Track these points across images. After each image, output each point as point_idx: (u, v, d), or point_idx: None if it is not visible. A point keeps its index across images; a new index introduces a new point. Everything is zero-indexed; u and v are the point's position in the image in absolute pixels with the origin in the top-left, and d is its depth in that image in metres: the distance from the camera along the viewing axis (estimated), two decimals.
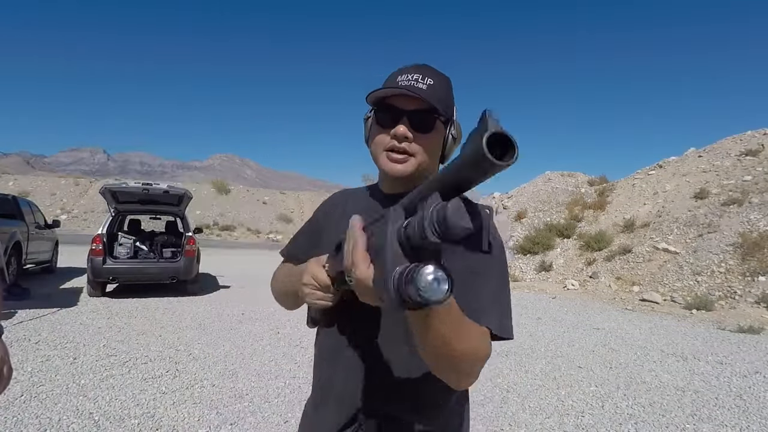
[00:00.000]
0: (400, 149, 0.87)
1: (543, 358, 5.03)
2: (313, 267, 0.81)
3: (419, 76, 0.87)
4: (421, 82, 0.86)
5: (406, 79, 0.86)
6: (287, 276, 0.99)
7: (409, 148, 0.87)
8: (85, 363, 4.20)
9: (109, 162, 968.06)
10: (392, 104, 0.87)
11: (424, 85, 0.86)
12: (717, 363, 5.03)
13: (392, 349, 0.90)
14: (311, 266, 0.82)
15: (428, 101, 0.84)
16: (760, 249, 8.89)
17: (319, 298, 0.81)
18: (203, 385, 3.78)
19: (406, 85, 0.85)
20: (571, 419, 3.42)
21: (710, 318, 7.57)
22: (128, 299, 7.44)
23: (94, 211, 31.55)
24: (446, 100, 0.89)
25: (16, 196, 9.27)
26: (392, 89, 0.85)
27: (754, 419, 3.53)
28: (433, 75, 0.88)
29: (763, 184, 11.16)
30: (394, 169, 0.88)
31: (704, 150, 14.81)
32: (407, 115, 0.86)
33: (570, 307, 8.50)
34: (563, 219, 14.30)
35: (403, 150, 0.87)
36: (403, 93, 0.84)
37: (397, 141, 0.87)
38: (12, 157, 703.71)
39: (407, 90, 0.84)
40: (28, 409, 3.16)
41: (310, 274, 0.81)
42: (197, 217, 28.62)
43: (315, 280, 0.80)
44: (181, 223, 8.88)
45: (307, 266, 0.83)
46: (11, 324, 5.40)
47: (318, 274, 0.80)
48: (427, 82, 0.86)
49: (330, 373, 0.96)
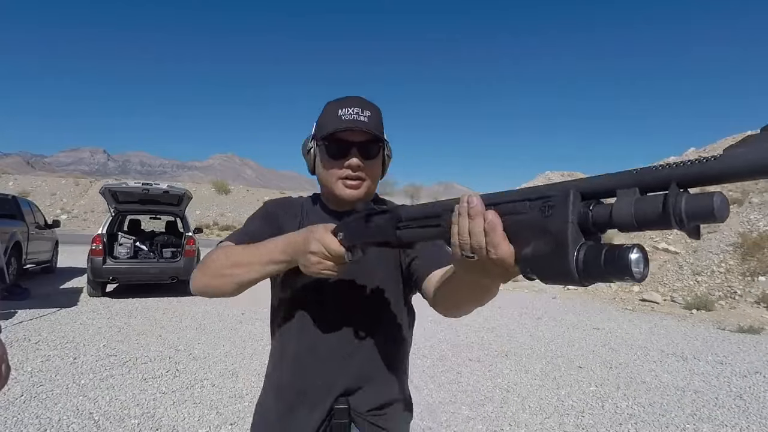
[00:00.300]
0: (354, 177, 0.99)
1: (543, 358, 5.03)
2: (323, 235, 0.80)
3: (359, 110, 0.97)
4: (362, 115, 0.97)
5: (347, 114, 0.96)
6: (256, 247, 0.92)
7: (361, 175, 1.00)
8: (85, 363, 4.21)
9: (109, 162, 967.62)
10: (341, 138, 0.97)
11: (365, 117, 0.97)
12: (717, 363, 5.03)
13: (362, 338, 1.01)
14: (321, 234, 0.80)
15: (372, 132, 0.97)
16: (760, 249, 8.90)
17: (327, 268, 0.81)
18: (203, 385, 3.78)
19: (350, 119, 0.96)
20: (571, 419, 3.42)
21: (710, 318, 7.58)
22: (128, 299, 7.44)
23: (94, 211, 31.56)
24: (381, 126, 1.01)
25: (16, 196, 9.26)
26: (345, 124, 0.95)
27: (754, 419, 3.53)
28: (369, 106, 0.99)
29: (763, 184, 11.17)
30: (351, 194, 1.00)
31: (704, 150, 14.83)
32: (356, 146, 0.98)
33: (570, 307, 8.50)
34: None
35: (357, 177, 1.00)
36: (352, 127, 0.95)
37: (351, 170, 0.99)
38: (12, 157, 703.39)
39: (356, 125, 0.95)
40: (28, 409, 3.17)
41: (321, 242, 0.79)
42: (197, 217, 28.63)
43: (326, 249, 0.79)
44: (181, 223, 8.88)
45: (314, 234, 0.81)
46: (11, 324, 5.41)
47: (331, 244, 0.78)
48: (366, 114, 0.97)
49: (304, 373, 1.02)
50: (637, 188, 0.46)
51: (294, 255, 0.84)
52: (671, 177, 0.44)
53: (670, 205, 0.42)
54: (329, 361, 1.01)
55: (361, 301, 1.03)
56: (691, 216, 0.42)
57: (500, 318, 7.28)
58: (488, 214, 0.56)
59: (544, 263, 0.51)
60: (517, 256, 0.54)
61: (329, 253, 0.79)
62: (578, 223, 0.49)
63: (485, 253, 0.56)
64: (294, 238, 0.85)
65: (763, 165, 0.39)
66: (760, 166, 0.39)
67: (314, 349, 1.02)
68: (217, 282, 0.94)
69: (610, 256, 0.45)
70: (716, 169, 0.41)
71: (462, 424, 3.27)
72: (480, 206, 0.57)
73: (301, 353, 1.03)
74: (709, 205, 0.41)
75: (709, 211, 0.41)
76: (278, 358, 1.08)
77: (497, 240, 0.54)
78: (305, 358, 1.03)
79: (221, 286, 0.94)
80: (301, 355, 1.03)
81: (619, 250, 0.45)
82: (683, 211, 0.42)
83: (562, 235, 0.49)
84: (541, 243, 0.51)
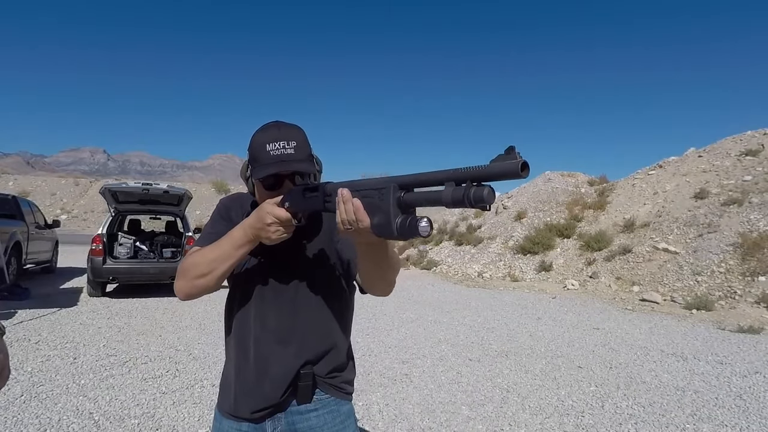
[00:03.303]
0: None
1: (543, 358, 5.03)
2: (271, 209, 1.01)
3: (285, 143, 1.08)
4: (288, 148, 1.07)
5: (275, 149, 1.07)
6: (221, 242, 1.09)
7: None
8: (85, 363, 4.21)
9: (109, 162, 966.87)
10: (273, 173, 1.09)
11: (291, 149, 1.08)
12: (717, 363, 5.03)
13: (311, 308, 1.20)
14: (269, 208, 1.01)
15: (300, 165, 1.09)
16: (760, 249, 8.89)
17: (283, 232, 1.02)
18: (203, 385, 3.78)
19: (278, 155, 1.07)
20: (571, 419, 3.42)
21: (710, 318, 7.57)
22: (128, 299, 7.44)
23: (94, 211, 31.54)
24: (308, 149, 1.13)
25: (16, 196, 9.26)
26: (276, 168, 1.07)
27: (754, 419, 3.53)
28: (292, 134, 1.10)
29: (763, 184, 11.16)
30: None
31: (704, 150, 14.80)
32: (288, 177, 1.12)
33: (570, 307, 8.50)
34: (563, 219, 14.29)
35: None
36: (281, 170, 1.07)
37: None
38: (12, 157, 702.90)
39: (285, 167, 1.07)
40: (28, 409, 3.17)
41: (272, 214, 1.00)
42: (197, 217, 28.62)
43: (277, 218, 1.00)
44: (181, 223, 8.88)
45: (263, 210, 1.01)
46: (11, 324, 5.41)
47: (280, 213, 1.00)
48: (293, 145, 1.08)
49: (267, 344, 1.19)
50: (453, 182, 0.75)
51: (254, 234, 1.04)
52: (469, 177, 0.74)
53: (467, 193, 0.72)
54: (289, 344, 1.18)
55: (311, 288, 1.20)
56: (475, 200, 0.72)
57: (500, 318, 7.28)
58: (355, 201, 0.86)
59: (381, 228, 0.83)
60: (371, 225, 0.85)
61: (280, 219, 1.00)
62: (396, 204, 0.81)
63: (357, 224, 0.86)
64: (249, 222, 1.05)
65: (501, 171, 0.70)
66: (501, 171, 0.70)
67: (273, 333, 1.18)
68: (201, 282, 1.10)
69: (411, 222, 0.79)
70: (486, 173, 0.72)
71: (462, 424, 3.27)
72: (348, 195, 0.87)
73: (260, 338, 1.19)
74: (481, 194, 0.72)
75: (481, 197, 0.71)
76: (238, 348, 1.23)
77: (362, 216, 0.85)
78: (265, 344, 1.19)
79: (205, 283, 1.10)
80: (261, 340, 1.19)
81: (415, 219, 0.79)
82: (472, 196, 0.72)
83: (387, 210, 0.82)
84: (380, 215, 0.83)
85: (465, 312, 7.72)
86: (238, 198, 1.32)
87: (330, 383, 1.22)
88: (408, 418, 3.35)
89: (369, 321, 6.57)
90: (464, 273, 13.20)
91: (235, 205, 1.29)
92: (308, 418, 1.20)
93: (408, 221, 0.79)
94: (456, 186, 0.75)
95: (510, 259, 13.22)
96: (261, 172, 1.09)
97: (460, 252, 15.00)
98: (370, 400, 3.66)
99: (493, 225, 15.73)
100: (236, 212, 1.26)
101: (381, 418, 3.32)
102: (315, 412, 1.20)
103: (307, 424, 1.19)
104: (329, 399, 1.22)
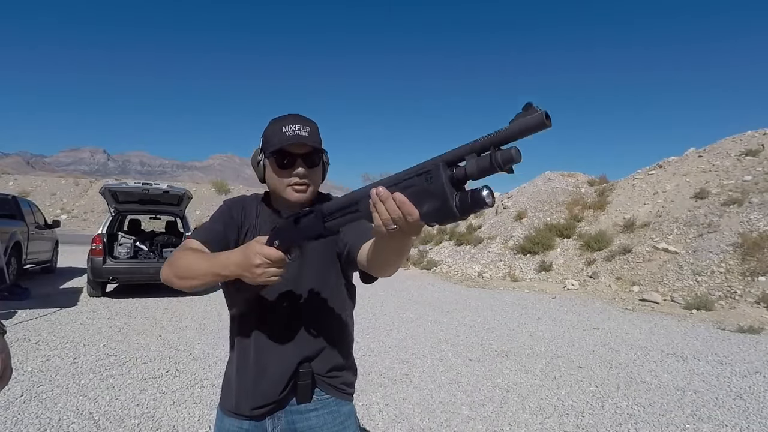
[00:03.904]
0: (301, 183, 1.18)
1: (543, 358, 5.03)
2: (260, 248, 0.94)
3: (300, 126, 1.15)
4: (303, 131, 1.14)
5: (290, 130, 1.14)
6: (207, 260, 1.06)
7: (306, 182, 1.18)
8: (85, 363, 4.21)
9: (109, 162, 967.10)
10: (288, 151, 1.15)
11: (306, 132, 1.14)
12: (717, 363, 5.03)
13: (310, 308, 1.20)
14: (258, 248, 0.94)
15: (313, 145, 1.15)
16: (760, 249, 8.89)
17: (273, 274, 0.95)
18: (203, 385, 3.78)
19: (294, 135, 1.13)
20: (571, 419, 3.42)
21: (710, 318, 7.57)
22: (128, 299, 7.44)
23: (94, 211, 31.54)
24: (320, 139, 1.19)
25: (16, 196, 9.26)
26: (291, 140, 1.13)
27: (754, 419, 3.53)
28: (308, 123, 1.17)
29: (763, 184, 11.16)
30: (299, 198, 1.19)
31: (704, 150, 14.80)
32: (301, 157, 1.16)
33: (570, 307, 8.50)
34: (563, 219, 14.29)
35: (303, 183, 1.18)
36: (296, 142, 1.13)
37: (299, 178, 1.17)
38: (12, 157, 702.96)
39: (300, 140, 1.13)
40: (28, 409, 3.17)
41: (261, 254, 0.93)
42: (197, 217, 28.61)
43: (268, 258, 0.93)
44: (181, 223, 8.88)
45: (251, 250, 0.95)
46: (11, 324, 5.41)
47: (270, 253, 0.93)
48: (307, 130, 1.15)
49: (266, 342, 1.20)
50: (475, 153, 0.72)
51: (239, 272, 0.97)
52: (491, 142, 0.70)
53: (494, 158, 0.69)
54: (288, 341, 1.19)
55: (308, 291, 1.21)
56: (504, 161, 0.69)
57: (500, 318, 7.28)
58: (396, 195, 0.76)
59: (438, 213, 0.75)
60: (420, 214, 0.76)
61: (271, 260, 0.93)
62: (449, 182, 0.74)
63: (405, 221, 0.76)
64: (234, 259, 0.98)
65: (525, 127, 0.67)
66: (524, 127, 0.67)
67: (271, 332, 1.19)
68: (178, 282, 1.11)
69: (473, 196, 0.72)
70: (508, 132, 0.69)
71: (462, 424, 3.27)
72: (385, 192, 0.77)
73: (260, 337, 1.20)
74: (509, 154, 0.69)
75: (510, 157, 0.69)
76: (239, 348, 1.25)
77: (409, 208, 0.75)
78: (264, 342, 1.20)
79: (180, 286, 1.11)
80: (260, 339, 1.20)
81: (477, 191, 0.71)
82: (500, 159, 0.69)
83: (443, 192, 0.73)
84: (432, 200, 0.75)
85: (465, 312, 7.72)
86: (241, 200, 1.32)
87: (330, 383, 1.23)
88: (408, 418, 3.35)
89: (369, 321, 6.56)
90: (464, 273, 13.20)
91: (237, 206, 1.29)
92: (308, 417, 1.20)
93: (468, 196, 0.72)
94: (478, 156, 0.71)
95: (510, 259, 13.22)
96: (275, 146, 1.13)
97: (460, 252, 15.00)
98: (370, 400, 3.66)
99: (493, 225, 15.73)
100: (237, 212, 1.26)
101: (381, 418, 3.32)
102: (315, 411, 1.21)
103: (307, 423, 1.20)
104: (329, 399, 1.23)
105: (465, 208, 0.73)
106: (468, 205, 0.73)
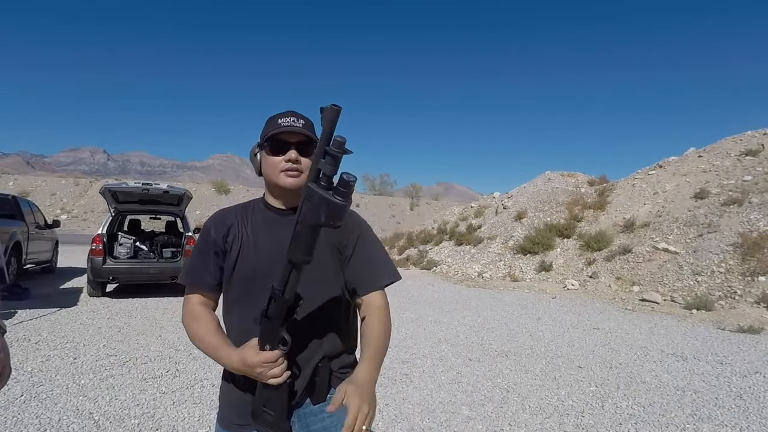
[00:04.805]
0: (293, 168, 1.21)
1: (543, 358, 5.03)
2: (256, 357, 1.05)
3: (295, 119, 1.22)
4: (297, 123, 1.21)
5: (286, 122, 1.20)
6: (213, 350, 1.16)
7: (298, 167, 1.21)
8: (85, 363, 4.21)
9: (109, 162, 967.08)
10: (282, 139, 1.21)
11: (299, 124, 1.21)
12: (717, 363, 5.03)
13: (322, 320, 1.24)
14: (254, 359, 1.05)
15: (306, 134, 1.20)
16: (760, 249, 8.89)
17: (277, 374, 1.06)
18: (203, 385, 3.78)
19: (288, 124, 1.20)
20: (571, 419, 3.42)
21: (710, 318, 7.57)
22: (128, 299, 7.44)
23: (94, 211, 31.56)
24: (314, 133, 1.24)
25: (16, 196, 9.26)
26: (285, 128, 1.19)
27: (754, 419, 3.53)
28: (302, 117, 1.25)
29: (763, 184, 11.16)
30: (292, 182, 1.21)
31: (704, 150, 14.80)
32: (294, 145, 1.21)
33: (570, 307, 8.50)
34: (563, 219, 14.29)
35: (296, 168, 1.21)
36: (290, 130, 1.20)
37: (291, 162, 1.21)
38: (12, 157, 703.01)
39: (293, 128, 1.20)
40: (28, 409, 3.17)
41: (260, 362, 1.04)
42: (197, 217, 28.62)
43: (266, 363, 1.04)
44: (181, 223, 8.88)
45: (250, 360, 1.05)
46: (11, 324, 5.41)
47: (267, 358, 1.04)
48: (301, 123, 1.22)
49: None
50: (321, 159, 0.93)
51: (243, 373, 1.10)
52: (323, 145, 0.92)
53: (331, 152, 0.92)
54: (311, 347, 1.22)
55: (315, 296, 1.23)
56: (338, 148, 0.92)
57: (500, 318, 7.28)
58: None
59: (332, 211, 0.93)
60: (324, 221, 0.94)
61: (269, 362, 1.04)
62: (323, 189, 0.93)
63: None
64: (237, 366, 1.09)
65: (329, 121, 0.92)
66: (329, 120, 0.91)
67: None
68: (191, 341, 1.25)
69: (340, 182, 0.93)
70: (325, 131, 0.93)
71: (462, 424, 3.27)
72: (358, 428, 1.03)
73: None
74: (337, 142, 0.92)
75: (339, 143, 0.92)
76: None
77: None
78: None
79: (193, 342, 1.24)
80: None
81: (339, 178, 0.93)
82: (335, 149, 0.91)
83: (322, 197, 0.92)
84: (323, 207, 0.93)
85: (465, 312, 7.72)
86: (220, 215, 1.34)
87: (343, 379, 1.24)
88: (408, 418, 3.35)
89: None
90: (464, 273, 13.20)
91: (217, 222, 1.30)
92: (322, 419, 1.21)
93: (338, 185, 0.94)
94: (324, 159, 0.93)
95: (510, 259, 13.22)
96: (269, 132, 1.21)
97: (460, 252, 15.00)
98: None
99: (493, 225, 15.73)
100: (218, 229, 1.29)
101: (381, 418, 3.32)
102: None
103: (322, 425, 1.21)
104: None
105: (342, 192, 0.91)
106: (342, 191, 0.91)
